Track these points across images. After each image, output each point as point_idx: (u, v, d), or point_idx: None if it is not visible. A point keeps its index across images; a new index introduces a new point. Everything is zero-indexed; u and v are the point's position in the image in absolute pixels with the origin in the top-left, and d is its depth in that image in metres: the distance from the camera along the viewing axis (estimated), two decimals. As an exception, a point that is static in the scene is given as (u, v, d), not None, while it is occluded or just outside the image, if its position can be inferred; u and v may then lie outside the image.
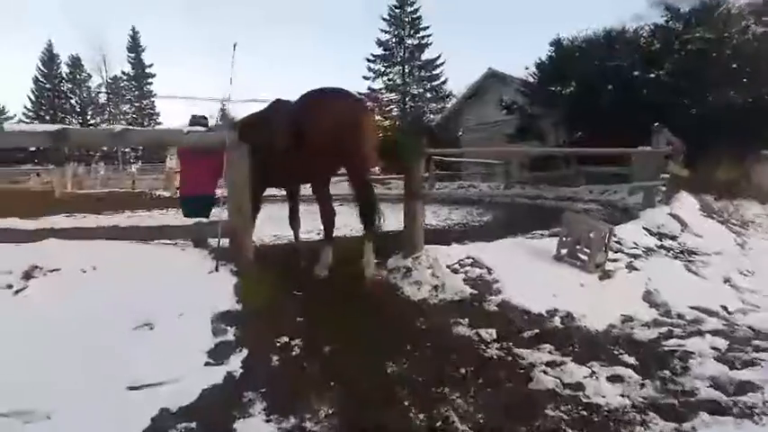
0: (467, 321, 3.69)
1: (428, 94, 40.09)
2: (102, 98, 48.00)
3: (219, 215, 3.89)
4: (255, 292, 3.60)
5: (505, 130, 19.42)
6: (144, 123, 45.63)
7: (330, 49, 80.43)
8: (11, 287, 3.27)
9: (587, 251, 4.66)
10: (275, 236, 7.44)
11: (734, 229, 7.23)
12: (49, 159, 36.31)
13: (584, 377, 3.04)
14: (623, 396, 2.86)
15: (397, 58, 39.56)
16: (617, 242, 5.36)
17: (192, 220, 4.22)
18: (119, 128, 3.88)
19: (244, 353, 3.05)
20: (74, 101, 47.25)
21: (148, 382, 2.69)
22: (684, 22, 14.53)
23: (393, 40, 39.45)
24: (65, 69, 47.03)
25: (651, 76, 13.54)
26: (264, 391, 2.73)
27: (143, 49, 48.09)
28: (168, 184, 19.60)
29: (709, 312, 4.20)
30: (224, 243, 3.90)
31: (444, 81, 39.69)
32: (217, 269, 3.72)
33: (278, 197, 6.50)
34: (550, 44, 17.38)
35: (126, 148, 37.78)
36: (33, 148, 40.08)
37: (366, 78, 40.04)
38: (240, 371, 2.90)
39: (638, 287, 4.56)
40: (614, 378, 3.05)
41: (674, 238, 6.26)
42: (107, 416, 2.47)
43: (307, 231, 6.56)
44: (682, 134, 8.24)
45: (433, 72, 39.75)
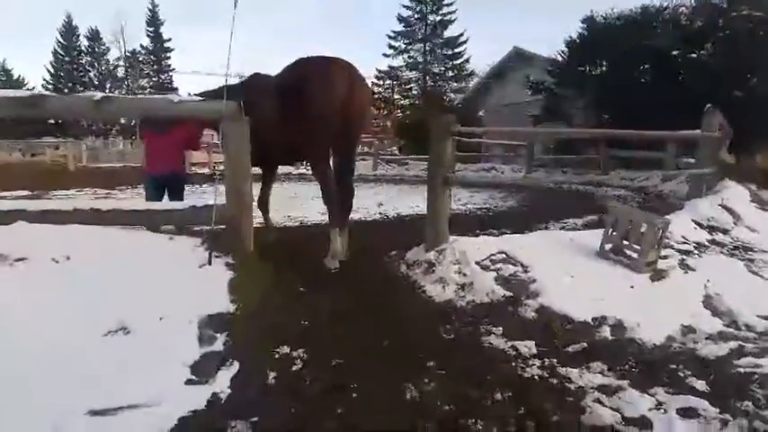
0: (500, 331, 3.13)
1: (450, 73, 39.03)
2: (121, 72, 47.70)
3: (214, 197, 3.35)
4: (253, 289, 3.09)
5: (530, 111, 18.61)
6: (162, 99, 45.09)
7: (349, 25, 78.90)
8: (-34, 278, 2.79)
9: (637, 248, 4.05)
10: (288, 216, 6.98)
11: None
12: (68, 132, 36.43)
13: (648, 409, 2.47)
14: (704, 440, 2.29)
15: (419, 35, 38.45)
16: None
17: (184, 204, 3.70)
18: (99, 95, 3.35)
19: (234, 367, 2.54)
20: (92, 74, 47.02)
21: (114, 405, 2.19)
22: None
23: (415, 16, 38.33)
24: (84, 42, 46.84)
25: (692, 56, 12.61)
26: (256, 420, 2.21)
27: (162, 23, 47.55)
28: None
29: (784, 323, 3.59)
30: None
31: (467, 59, 38.70)
32: (210, 262, 3.20)
33: (294, 175, 6.01)
34: (582, 21, 16.46)
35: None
36: (52, 121, 40.64)
37: (386, 56, 39.19)
38: (228, 391, 2.38)
39: (696, 291, 3.93)
40: (687, 412, 2.46)
41: (725, 232, 5.59)
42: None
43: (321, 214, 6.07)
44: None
45: (456, 50, 38.65)
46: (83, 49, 46.72)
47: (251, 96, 3.88)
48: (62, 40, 45.89)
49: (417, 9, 38.03)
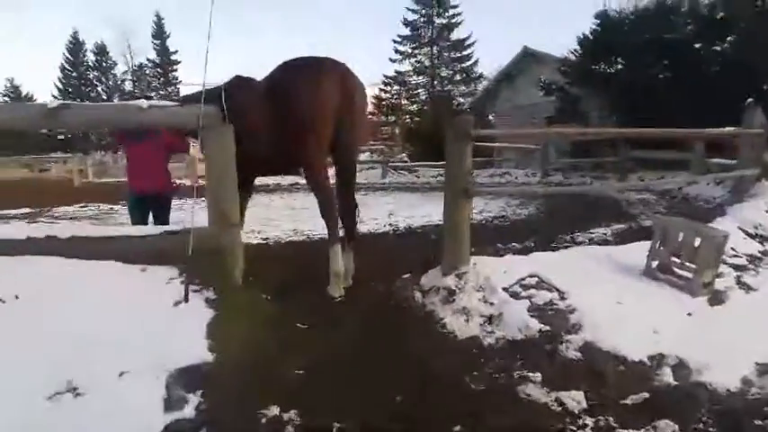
0: (539, 377, 2.55)
1: (458, 77, 38.47)
2: (128, 86, 47.75)
3: (191, 218, 2.81)
4: (237, 331, 2.55)
5: (542, 113, 17.98)
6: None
7: (355, 30, 78.67)
8: None
9: (691, 266, 3.46)
10: (294, 231, 6.49)
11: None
12: (76, 147, 36.30)
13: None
14: None
15: (426, 39, 37.94)
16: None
17: (156, 229, 3.18)
18: (55, 103, 2.86)
19: (207, 443, 2.00)
20: (100, 88, 47.14)
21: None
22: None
23: (421, 19, 37.83)
24: (91, 57, 47.01)
25: (716, 48, 11.93)
26: None
27: (168, 36, 47.58)
28: (190, 173, 18.79)
29: None
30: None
31: (475, 62, 38.10)
32: (186, 299, 2.66)
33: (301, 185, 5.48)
34: (595, 17, 15.74)
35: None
36: (62, 137, 40.66)
37: (393, 61, 38.76)
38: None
39: (763, 316, 3.34)
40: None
41: (776, 243, 4.98)
42: None
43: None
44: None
45: (464, 53, 38.11)
46: (90, 63, 46.85)
47: (234, 101, 3.39)
48: (69, 55, 46.07)
49: (424, 12, 37.54)
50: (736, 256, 4.34)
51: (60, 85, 45.67)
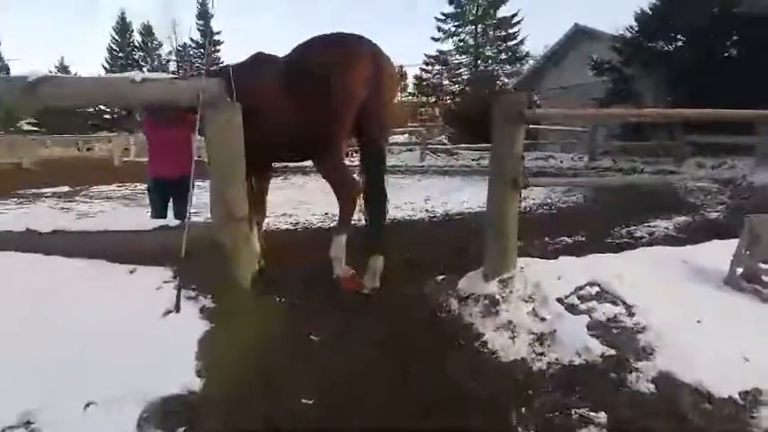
0: (604, 418, 2.05)
1: (503, 56, 37.02)
2: (173, 66, 48.30)
3: (188, 212, 2.41)
4: (234, 349, 2.13)
5: (592, 93, 16.96)
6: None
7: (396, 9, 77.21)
8: None
9: (787, 276, 2.87)
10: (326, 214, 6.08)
11: None
12: (120, 125, 36.96)
13: None
14: None
15: (470, 17, 36.62)
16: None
17: (156, 221, 2.80)
18: (33, 77, 2.50)
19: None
20: (146, 69, 47.87)
21: None
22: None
23: (466, -4, 36.50)
24: (137, 38, 47.76)
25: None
26: None
27: (212, 16, 47.80)
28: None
29: None
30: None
31: (521, 41, 36.55)
32: (177, 308, 2.26)
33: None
34: (654, -11, 14.66)
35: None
36: (108, 115, 41.68)
37: (435, 39, 37.66)
38: None
39: None
40: None
41: None
42: None
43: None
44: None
45: (509, 31, 36.56)
46: (136, 44, 47.65)
47: (250, 79, 2.98)
48: (116, 36, 46.96)
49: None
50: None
51: (107, 66, 46.63)
